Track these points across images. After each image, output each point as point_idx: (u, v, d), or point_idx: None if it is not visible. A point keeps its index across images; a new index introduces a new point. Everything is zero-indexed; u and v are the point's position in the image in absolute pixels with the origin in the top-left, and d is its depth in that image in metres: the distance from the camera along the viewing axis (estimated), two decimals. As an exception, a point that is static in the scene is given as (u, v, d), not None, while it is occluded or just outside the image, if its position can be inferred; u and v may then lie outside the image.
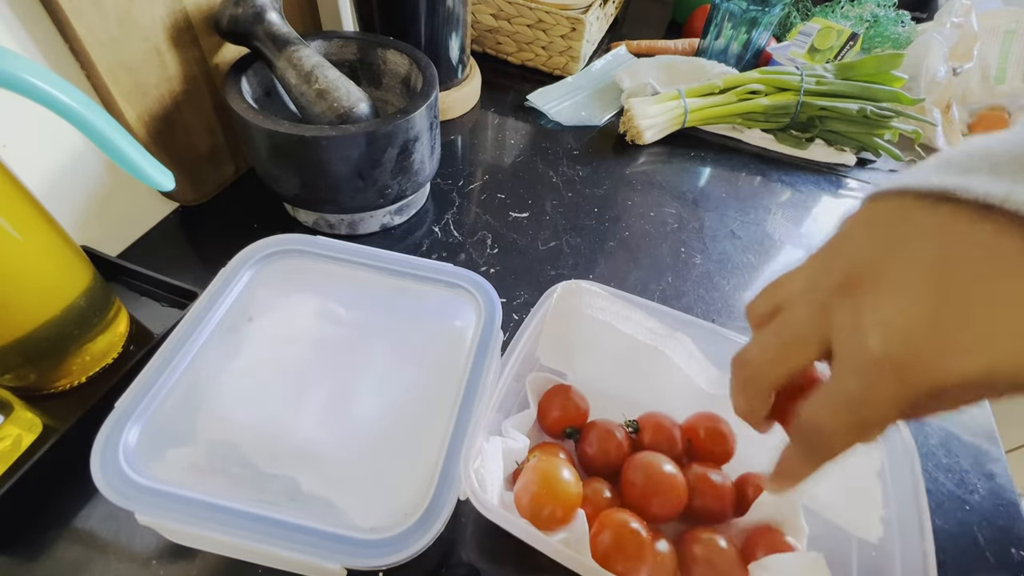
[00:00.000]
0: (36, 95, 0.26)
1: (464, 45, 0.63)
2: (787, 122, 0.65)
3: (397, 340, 0.35)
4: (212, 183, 0.52)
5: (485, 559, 0.33)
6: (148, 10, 0.40)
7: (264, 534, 0.26)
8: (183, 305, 0.42)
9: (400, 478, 0.29)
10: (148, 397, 0.29)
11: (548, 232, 0.54)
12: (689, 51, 0.78)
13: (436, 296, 0.37)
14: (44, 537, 0.32)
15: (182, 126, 0.47)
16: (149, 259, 0.46)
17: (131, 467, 0.27)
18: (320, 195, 0.46)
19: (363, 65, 0.52)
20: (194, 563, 0.32)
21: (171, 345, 0.32)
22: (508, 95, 0.71)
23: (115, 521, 0.33)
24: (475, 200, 0.56)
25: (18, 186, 0.31)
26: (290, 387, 0.32)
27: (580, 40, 0.69)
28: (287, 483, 0.28)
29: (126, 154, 0.30)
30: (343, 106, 0.44)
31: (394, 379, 0.33)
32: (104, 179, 0.44)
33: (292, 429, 0.31)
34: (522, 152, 0.63)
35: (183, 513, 0.26)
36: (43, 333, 0.33)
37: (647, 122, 0.63)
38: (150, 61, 0.42)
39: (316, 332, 0.35)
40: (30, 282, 0.32)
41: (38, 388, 0.36)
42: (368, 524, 0.27)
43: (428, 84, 0.46)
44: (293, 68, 0.44)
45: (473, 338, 0.34)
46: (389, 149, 0.44)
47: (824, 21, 0.73)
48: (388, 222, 0.52)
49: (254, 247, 0.37)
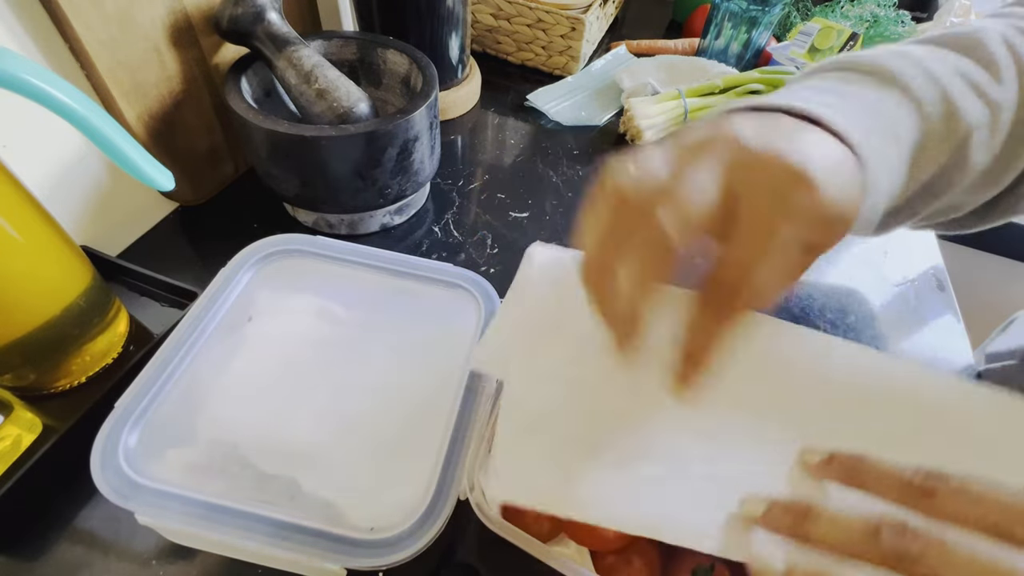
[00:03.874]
0: (36, 95, 0.26)
1: (464, 45, 0.63)
2: (787, 122, 0.65)
3: (397, 340, 0.35)
4: (212, 183, 0.52)
5: (485, 559, 0.33)
6: (148, 10, 0.40)
7: (264, 534, 0.26)
8: (183, 305, 0.42)
9: (400, 478, 0.29)
10: (148, 397, 0.29)
11: (548, 232, 0.54)
12: (689, 51, 0.78)
13: (436, 296, 0.37)
14: (44, 537, 0.32)
15: (182, 126, 0.46)
16: (149, 259, 0.46)
17: (131, 467, 0.27)
18: (320, 195, 0.46)
19: (363, 65, 0.52)
20: (194, 563, 0.32)
21: (171, 345, 0.32)
22: (508, 95, 0.71)
23: (115, 521, 0.33)
24: (475, 200, 0.56)
25: (18, 186, 0.31)
26: (290, 387, 0.32)
27: (580, 40, 0.69)
28: (287, 483, 0.28)
29: (126, 154, 0.30)
30: (343, 106, 0.44)
31: (394, 379, 0.33)
32: (104, 179, 0.44)
33: (292, 429, 0.31)
34: (522, 152, 0.63)
35: (183, 513, 0.26)
36: (43, 333, 0.33)
37: (647, 122, 0.63)
38: (150, 61, 0.42)
39: (316, 332, 0.35)
40: (30, 282, 0.32)
41: (38, 388, 0.36)
42: (368, 524, 0.27)
43: (428, 84, 0.46)
44: (293, 68, 0.44)
45: (473, 338, 0.34)
46: (389, 149, 0.44)
47: (824, 21, 0.73)
48: (388, 222, 0.52)
49: (254, 247, 0.37)
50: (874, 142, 0.24)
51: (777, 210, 0.21)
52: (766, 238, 0.21)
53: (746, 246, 0.22)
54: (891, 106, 0.27)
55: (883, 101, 0.26)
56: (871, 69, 0.28)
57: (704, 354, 0.23)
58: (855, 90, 0.27)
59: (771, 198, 0.21)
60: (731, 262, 0.22)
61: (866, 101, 0.26)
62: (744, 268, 0.22)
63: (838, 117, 0.24)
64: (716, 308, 0.23)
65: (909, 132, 0.27)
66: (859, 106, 0.26)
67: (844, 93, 0.27)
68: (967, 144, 0.29)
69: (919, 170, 0.29)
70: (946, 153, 0.29)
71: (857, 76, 0.28)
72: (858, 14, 0.76)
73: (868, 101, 0.26)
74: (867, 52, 0.29)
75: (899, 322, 0.50)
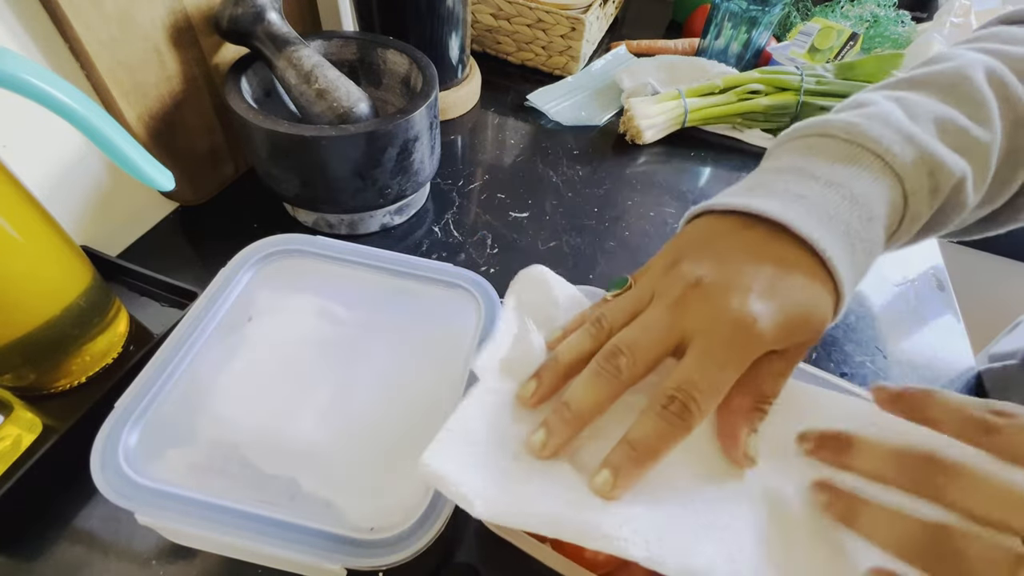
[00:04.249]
0: (36, 95, 0.26)
1: (464, 45, 0.63)
2: (787, 122, 0.65)
3: (397, 340, 0.35)
4: (212, 183, 0.52)
5: (485, 559, 0.33)
6: (148, 10, 0.40)
7: (264, 534, 0.26)
8: (183, 305, 0.42)
9: (400, 478, 0.29)
10: (148, 397, 0.29)
11: (548, 232, 0.54)
12: (689, 51, 0.78)
13: (436, 296, 0.37)
14: (44, 537, 0.32)
15: (182, 126, 0.46)
16: (149, 259, 0.46)
17: (131, 467, 0.27)
18: (320, 195, 0.46)
19: (363, 65, 0.52)
20: (194, 563, 0.32)
21: (171, 345, 0.32)
22: (508, 95, 0.71)
23: (115, 521, 0.33)
24: (475, 200, 0.56)
25: (18, 186, 0.31)
26: (290, 387, 0.32)
27: (580, 40, 0.69)
28: (287, 483, 0.28)
29: (126, 154, 0.30)
30: (343, 106, 0.44)
31: (394, 379, 0.33)
32: (104, 179, 0.44)
33: (292, 429, 0.31)
34: (522, 152, 0.63)
35: (183, 513, 0.26)
36: (43, 333, 0.33)
37: (647, 122, 0.63)
38: (150, 61, 0.42)
39: (316, 332, 0.35)
40: (30, 282, 0.32)
41: (38, 388, 0.36)
42: (368, 524, 0.27)
43: (428, 84, 0.46)
44: (293, 68, 0.44)
45: (473, 338, 0.34)
46: (389, 149, 0.44)
47: (824, 21, 0.73)
48: (388, 222, 0.52)
49: (254, 247, 0.37)
50: (840, 253, 0.26)
51: (725, 352, 0.24)
52: (714, 370, 0.24)
53: (692, 371, 0.24)
54: (866, 184, 0.28)
55: (857, 179, 0.28)
56: (848, 138, 0.29)
57: (644, 450, 0.24)
58: (823, 172, 0.28)
59: (722, 347, 0.24)
60: (680, 380, 0.24)
61: (833, 197, 0.27)
62: (690, 385, 0.24)
63: (809, 228, 0.26)
64: (664, 417, 0.24)
65: (886, 205, 0.28)
66: (826, 203, 0.27)
67: (812, 179, 0.28)
68: (960, 189, 0.29)
69: (911, 223, 0.29)
70: (939, 200, 0.29)
71: (833, 146, 0.29)
72: (858, 14, 0.76)
73: (835, 197, 0.27)
74: (841, 119, 0.30)
75: (899, 322, 0.50)
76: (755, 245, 0.27)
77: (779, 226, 0.26)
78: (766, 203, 0.27)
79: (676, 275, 0.27)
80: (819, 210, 0.27)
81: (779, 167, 0.30)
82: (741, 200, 0.28)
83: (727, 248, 0.27)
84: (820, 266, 0.26)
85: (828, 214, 0.26)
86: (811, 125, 0.31)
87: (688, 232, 0.30)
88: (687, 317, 0.25)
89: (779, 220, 0.26)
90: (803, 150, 0.30)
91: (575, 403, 0.25)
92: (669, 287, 0.26)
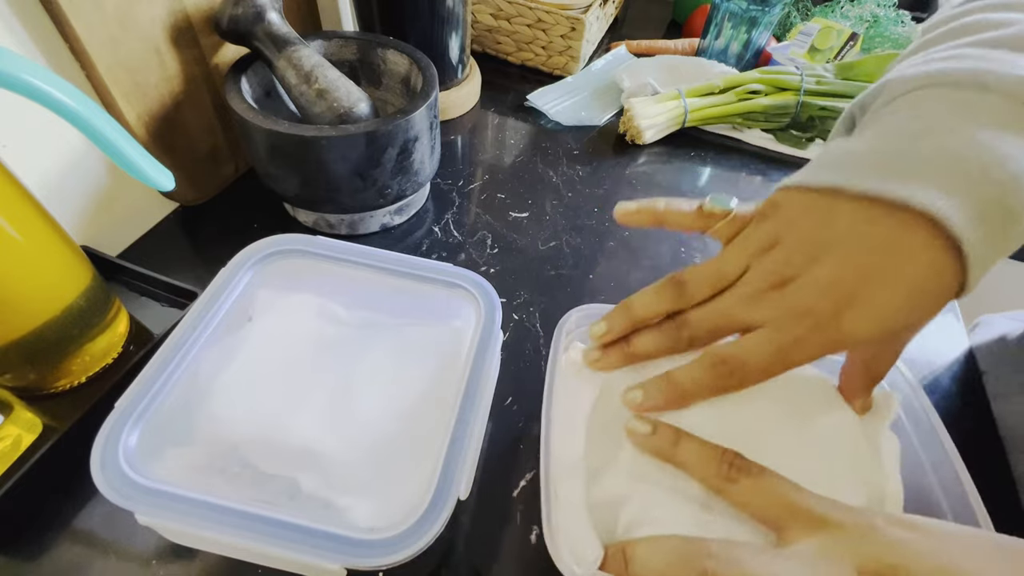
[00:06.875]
0: (36, 95, 0.26)
1: (464, 45, 0.63)
2: (787, 122, 0.65)
3: (397, 340, 0.35)
4: (212, 183, 0.52)
5: (485, 559, 0.33)
6: (148, 10, 0.40)
7: (264, 534, 0.26)
8: (183, 305, 0.42)
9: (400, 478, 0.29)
10: (148, 397, 0.29)
11: (548, 232, 0.54)
12: (689, 51, 0.78)
13: (436, 296, 0.37)
14: (44, 537, 0.32)
15: (182, 126, 0.46)
16: (149, 259, 0.46)
17: (131, 467, 0.27)
18: (320, 195, 0.46)
19: (363, 65, 0.52)
20: (194, 563, 0.32)
21: (171, 345, 0.32)
22: (508, 95, 0.71)
23: (115, 521, 0.33)
24: (475, 200, 0.56)
25: (18, 186, 0.30)
26: (290, 387, 0.32)
27: (580, 40, 0.69)
28: (287, 483, 0.28)
29: (126, 154, 0.30)
30: (343, 106, 0.44)
31: (393, 379, 0.33)
32: (104, 179, 0.44)
33: (292, 429, 0.31)
34: (522, 152, 0.63)
35: (183, 513, 0.26)
36: (43, 333, 0.33)
37: (647, 122, 0.63)
38: (150, 61, 0.42)
39: (316, 332, 0.35)
40: (30, 282, 0.32)
41: (38, 388, 0.36)
42: (368, 524, 0.27)
43: (428, 84, 0.46)
44: (293, 68, 0.44)
45: (473, 338, 0.34)
46: (389, 149, 0.44)
47: (824, 21, 0.73)
48: (388, 222, 0.52)
49: (254, 247, 0.37)
50: (982, 234, 0.22)
51: (799, 354, 0.24)
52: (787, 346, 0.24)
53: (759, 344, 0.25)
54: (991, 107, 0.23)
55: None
56: (967, 81, 0.24)
57: (679, 390, 0.26)
58: (996, 149, 0.22)
59: (797, 350, 0.24)
60: (741, 354, 0.25)
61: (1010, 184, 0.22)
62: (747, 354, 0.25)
63: (955, 216, 0.22)
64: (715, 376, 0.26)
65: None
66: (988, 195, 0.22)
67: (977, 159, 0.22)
68: None
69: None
70: None
71: (999, 106, 0.23)
72: (858, 14, 0.76)
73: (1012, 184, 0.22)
74: (999, 70, 0.23)
75: (899, 322, 0.50)
76: (878, 249, 0.23)
77: (923, 216, 0.22)
78: (915, 192, 0.22)
79: (771, 263, 0.25)
80: (983, 206, 0.22)
81: (918, 130, 0.24)
82: (875, 184, 0.23)
83: (843, 250, 0.23)
84: (955, 259, 0.22)
85: (993, 207, 0.22)
86: (950, 72, 0.24)
87: (801, 206, 0.26)
88: (770, 309, 0.25)
89: (938, 219, 0.21)
90: (956, 107, 0.24)
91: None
92: (760, 276, 0.25)
